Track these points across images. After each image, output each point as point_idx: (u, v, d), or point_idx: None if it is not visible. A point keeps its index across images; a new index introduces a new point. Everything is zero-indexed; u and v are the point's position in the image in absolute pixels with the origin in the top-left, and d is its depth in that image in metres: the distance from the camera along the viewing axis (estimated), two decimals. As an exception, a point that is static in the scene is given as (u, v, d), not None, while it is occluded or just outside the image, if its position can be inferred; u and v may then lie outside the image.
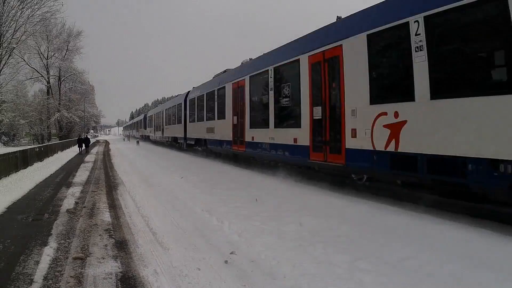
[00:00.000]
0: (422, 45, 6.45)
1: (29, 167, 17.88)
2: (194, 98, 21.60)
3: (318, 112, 9.33)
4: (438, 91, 6.23)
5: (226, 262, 4.86)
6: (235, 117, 14.56)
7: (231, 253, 5.15)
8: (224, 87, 16.03)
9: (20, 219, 7.52)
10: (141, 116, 63.57)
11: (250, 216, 7.08)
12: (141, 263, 4.88)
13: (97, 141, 64.38)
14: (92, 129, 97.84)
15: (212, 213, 7.32)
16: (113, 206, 8.71)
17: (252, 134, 13.01)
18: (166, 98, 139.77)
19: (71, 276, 4.46)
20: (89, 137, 36.41)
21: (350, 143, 8.14)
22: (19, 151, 17.37)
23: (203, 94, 19.55)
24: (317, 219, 6.49)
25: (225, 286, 4.15)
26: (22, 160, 17.28)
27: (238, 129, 14.28)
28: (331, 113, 8.93)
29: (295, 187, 9.38)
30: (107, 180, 13.50)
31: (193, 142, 22.30)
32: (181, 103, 25.48)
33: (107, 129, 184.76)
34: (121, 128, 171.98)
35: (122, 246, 5.60)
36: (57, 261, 5.00)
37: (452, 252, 4.66)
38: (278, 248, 5.23)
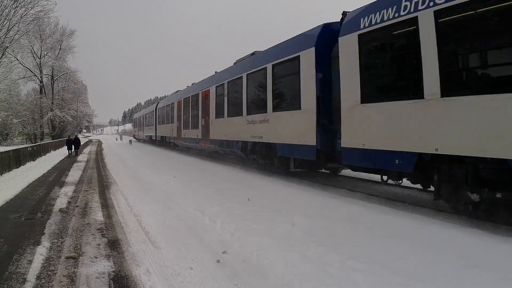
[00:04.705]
0: (244, 91, 13.23)
1: (22, 167, 17.78)
2: (161, 107, 31.14)
3: (203, 121, 17.85)
4: (228, 113, 14.71)
5: (218, 261, 4.89)
6: (178, 121, 23.84)
7: (224, 252, 5.18)
8: (173, 103, 25.49)
9: (13, 218, 7.49)
10: (134, 116, 64.79)
11: (242, 215, 7.11)
12: (133, 262, 4.90)
13: (90, 141, 63.95)
14: (84, 129, 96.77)
15: (205, 212, 7.34)
16: (106, 205, 8.70)
17: (184, 133, 22.06)
18: (159, 97, 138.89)
19: (64, 275, 4.47)
20: (79, 137, 33.14)
21: (212, 136, 16.32)
22: (12, 150, 17.28)
23: (164, 106, 29.20)
24: (310, 219, 6.52)
25: (217, 286, 4.18)
26: (15, 160, 17.18)
27: (179, 130, 23.39)
28: (206, 121, 17.27)
29: (287, 187, 9.43)
30: (100, 179, 13.47)
31: (160, 139, 31.75)
32: (153, 111, 35.20)
33: (100, 129, 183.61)
34: (114, 128, 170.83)
35: (114, 246, 5.62)
36: (50, 260, 5.01)
37: (445, 252, 4.67)
38: (270, 247, 5.26)
